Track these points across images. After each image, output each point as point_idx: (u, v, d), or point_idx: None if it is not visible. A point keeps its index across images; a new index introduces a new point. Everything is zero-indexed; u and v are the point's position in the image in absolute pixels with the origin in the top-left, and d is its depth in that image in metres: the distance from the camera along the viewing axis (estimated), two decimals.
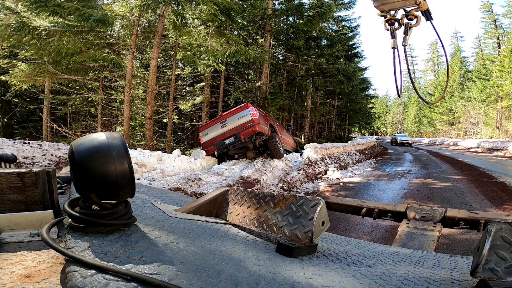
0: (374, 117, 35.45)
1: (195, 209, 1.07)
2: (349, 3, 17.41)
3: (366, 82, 26.01)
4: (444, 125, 40.24)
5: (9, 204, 0.75)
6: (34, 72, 8.46)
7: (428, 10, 1.49)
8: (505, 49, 29.26)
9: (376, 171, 9.73)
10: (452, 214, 1.83)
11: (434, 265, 0.89)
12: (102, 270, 0.48)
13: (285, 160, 8.04)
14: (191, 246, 0.64)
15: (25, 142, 6.33)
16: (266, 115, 8.59)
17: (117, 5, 8.71)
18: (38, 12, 6.90)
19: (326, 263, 0.73)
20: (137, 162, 6.02)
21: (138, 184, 1.30)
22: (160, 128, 13.31)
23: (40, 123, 12.69)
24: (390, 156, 16.00)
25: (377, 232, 3.83)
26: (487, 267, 0.53)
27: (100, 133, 0.67)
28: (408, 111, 57.73)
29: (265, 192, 0.96)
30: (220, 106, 13.44)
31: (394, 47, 1.56)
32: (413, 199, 5.67)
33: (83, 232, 0.62)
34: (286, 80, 16.06)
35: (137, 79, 11.13)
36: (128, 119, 8.81)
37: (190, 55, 9.71)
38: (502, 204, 5.27)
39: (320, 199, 0.80)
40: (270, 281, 0.52)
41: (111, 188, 0.64)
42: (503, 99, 28.58)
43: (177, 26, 8.10)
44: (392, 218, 2.00)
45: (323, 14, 12.02)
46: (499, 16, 35.76)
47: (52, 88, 11.33)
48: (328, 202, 2.22)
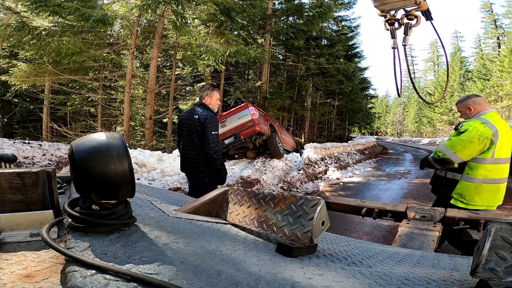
0: (374, 117, 35.41)
1: (195, 209, 1.07)
2: (349, 3, 17.41)
3: (366, 82, 26.00)
4: (444, 125, 40.25)
5: (9, 204, 0.75)
6: (34, 72, 8.46)
7: (428, 10, 1.49)
8: (505, 49, 29.27)
9: (376, 171, 9.73)
10: (452, 214, 1.83)
11: (434, 265, 0.89)
12: (102, 270, 0.48)
13: (285, 160, 8.04)
14: (191, 246, 0.64)
15: (25, 142, 6.33)
16: (266, 115, 8.59)
17: (117, 5, 8.70)
18: (38, 12, 6.90)
19: (326, 263, 0.73)
20: (137, 162, 6.02)
21: (138, 184, 1.30)
22: (160, 128, 13.31)
23: (40, 123, 12.69)
24: (390, 156, 16.00)
25: (377, 232, 3.83)
26: (487, 267, 0.53)
27: (100, 133, 0.67)
28: (408, 111, 57.74)
29: (265, 192, 0.96)
30: (220, 106, 13.44)
31: (394, 47, 1.56)
32: (413, 199, 5.67)
33: (83, 232, 0.62)
34: (286, 80, 16.06)
35: (137, 79, 11.13)
36: (128, 119, 8.81)
37: (190, 55, 9.71)
38: (502, 204, 5.26)
39: (320, 199, 0.80)
40: (270, 281, 0.52)
41: (111, 188, 0.64)
42: (503, 99, 28.60)
43: (177, 26, 8.10)
44: (392, 218, 2.01)
45: (323, 14, 12.02)
46: (499, 16, 35.78)
47: (52, 88, 11.33)
48: (328, 202, 2.22)
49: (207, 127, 2.96)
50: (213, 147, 2.96)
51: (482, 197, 2.33)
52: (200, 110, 3.06)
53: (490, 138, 2.21)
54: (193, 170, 3.08)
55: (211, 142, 2.95)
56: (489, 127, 2.23)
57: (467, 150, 2.25)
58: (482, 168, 2.28)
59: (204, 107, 3.09)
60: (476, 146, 2.23)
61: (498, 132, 2.22)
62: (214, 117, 3.03)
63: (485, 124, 2.24)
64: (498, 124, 2.28)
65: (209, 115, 3.01)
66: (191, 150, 3.07)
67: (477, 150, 2.25)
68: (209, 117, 2.98)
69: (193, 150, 3.06)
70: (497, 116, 2.36)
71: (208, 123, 2.96)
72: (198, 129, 3.00)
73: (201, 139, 3.00)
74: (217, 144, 2.99)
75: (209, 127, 2.96)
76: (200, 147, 3.01)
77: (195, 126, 3.02)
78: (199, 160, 3.04)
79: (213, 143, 2.96)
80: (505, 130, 2.29)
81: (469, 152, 2.26)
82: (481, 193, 2.31)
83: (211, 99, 3.13)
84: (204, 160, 3.02)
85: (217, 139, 3.00)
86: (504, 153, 2.30)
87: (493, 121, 2.28)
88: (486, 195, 2.33)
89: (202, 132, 2.98)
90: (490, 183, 2.32)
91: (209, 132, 2.96)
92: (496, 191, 2.36)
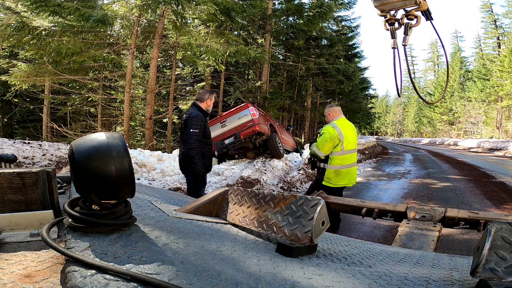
0: (374, 117, 35.37)
1: (195, 209, 1.07)
2: (349, 3, 17.40)
3: (366, 82, 26.00)
4: (444, 125, 40.23)
5: (9, 204, 0.75)
6: (34, 72, 8.46)
7: (428, 10, 1.49)
8: (505, 49, 29.25)
9: (376, 171, 9.73)
10: (452, 214, 1.83)
11: (434, 265, 0.89)
12: (102, 270, 0.48)
13: (285, 160, 8.04)
14: (191, 246, 0.64)
15: (25, 142, 6.33)
16: (266, 115, 8.58)
17: (117, 5, 8.70)
18: (38, 12, 6.91)
19: (326, 263, 0.73)
20: (137, 162, 6.02)
21: (138, 184, 1.30)
22: (160, 128, 13.31)
23: (40, 123, 12.69)
24: (390, 156, 16.00)
25: (377, 232, 3.83)
26: (487, 267, 0.53)
27: (100, 133, 0.67)
28: (408, 111, 57.71)
29: (265, 192, 0.96)
30: (220, 106, 13.44)
31: (394, 47, 1.56)
32: (413, 199, 5.67)
33: (83, 232, 0.62)
34: (286, 80, 16.06)
35: (137, 79, 11.13)
36: (128, 119, 8.81)
37: (190, 55, 9.70)
38: (502, 204, 5.27)
39: (320, 199, 0.80)
40: (270, 281, 0.52)
41: (111, 188, 0.64)
42: (503, 99, 28.57)
43: (177, 26, 8.10)
44: (392, 218, 2.01)
45: (323, 14, 12.01)
46: (499, 16, 35.74)
47: (52, 88, 11.33)
48: (328, 202, 2.22)
49: (188, 124, 3.04)
50: (188, 144, 3.02)
51: (341, 178, 3.30)
52: (191, 109, 3.17)
53: (338, 137, 3.21)
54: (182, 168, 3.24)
55: (188, 138, 3.02)
56: (336, 129, 3.23)
57: (326, 147, 3.23)
58: (337, 158, 3.28)
59: (196, 107, 3.17)
60: (330, 143, 3.22)
61: (342, 132, 3.23)
62: (199, 116, 3.09)
63: (334, 127, 3.24)
64: (343, 126, 3.30)
65: (194, 113, 3.08)
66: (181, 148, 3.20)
67: (331, 146, 3.23)
68: (193, 115, 3.06)
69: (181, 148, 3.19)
70: (344, 121, 3.37)
71: (190, 120, 3.04)
72: (183, 127, 3.11)
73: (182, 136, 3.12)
74: (194, 141, 3.03)
75: (189, 124, 3.03)
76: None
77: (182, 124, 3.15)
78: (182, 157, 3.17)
79: (190, 139, 3.01)
80: (348, 129, 3.33)
81: (327, 148, 3.24)
82: (339, 175, 3.29)
83: (210, 101, 3.24)
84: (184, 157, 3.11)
85: (194, 137, 3.03)
86: (351, 146, 3.31)
87: (340, 125, 3.28)
88: (343, 176, 3.32)
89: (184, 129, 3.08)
90: (344, 168, 3.31)
91: (187, 129, 3.03)
92: (348, 173, 3.35)
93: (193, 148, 3.01)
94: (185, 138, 3.04)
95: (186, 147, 3.01)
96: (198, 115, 3.08)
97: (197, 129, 3.03)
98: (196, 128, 3.03)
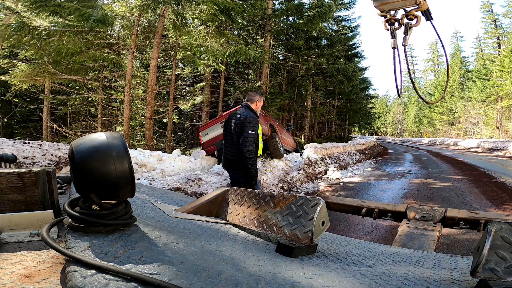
0: (374, 117, 35.41)
1: (195, 209, 1.07)
2: (349, 3, 17.40)
3: (366, 82, 26.02)
4: (444, 125, 40.22)
5: (9, 204, 0.75)
6: (34, 72, 8.45)
7: (428, 10, 1.49)
8: (505, 49, 29.24)
9: (376, 171, 9.73)
10: (452, 214, 1.83)
11: (434, 265, 0.89)
12: (102, 270, 0.48)
13: (285, 160, 8.04)
14: (191, 246, 0.64)
15: (25, 142, 6.33)
16: (266, 115, 8.58)
17: (117, 5, 8.70)
18: (38, 12, 6.90)
19: (326, 263, 0.73)
20: (137, 162, 6.02)
21: (138, 184, 1.30)
22: (160, 128, 13.30)
23: (40, 123, 12.68)
24: (390, 156, 16.00)
25: (377, 232, 3.83)
26: (487, 267, 0.53)
27: (100, 133, 0.67)
28: (408, 111, 57.71)
29: (265, 192, 0.96)
30: (220, 106, 13.44)
31: (394, 47, 1.55)
32: (413, 199, 5.67)
33: (83, 232, 0.62)
34: (286, 80, 16.05)
35: (137, 79, 11.13)
36: (128, 119, 8.81)
37: (190, 55, 9.70)
38: (502, 204, 5.27)
39: (320, 199, 0.80)
40: (270, 281, 0.52)
41: (111, 188, 0.64)
42: (503, 99, 28.57)
43: (177, 26, 8.09)
44: (392, 218, 2.00)
45: (323, 14, 12.00)
46: (499, 16, 35.75)
47: (52, 88, 11.32)
48: (328, 202, 2.22)
49: (246, 125, 3.11)
50: (247, 146, 3.10)
51: None
52: (243, 110, 3.24)
53: None
54: (231, 167, 3.27)
55: (247, 140, 3.10)
56: None
57: None
58: None
59: (248, 108, 3.25)
60: None
61: None
62: (255, 118, 3.19)
63: None
64: None
65: (249, 115, 3.16)
66: (231, 148, 3.24)
67: None
68: (249, 116, 3.15)
69: (233, 148, 3.23)
70: None
71: (248, 121, 3.11)
72: (238, 127, 3.16)
73: (238, 137, 3.17)
74: (252, 143, 3.13)
75: (247, 125, 3.10)
76: (238, 145, 3.18)
77: (236, 124, 3.19)
78: (236, 158, 3.20)
79: (248, 141, 3.10)
80: None
81: None
82: None
83: (260, 103, 3.32)
84: (240, 157, 3.16)
85: (252, 138, 3.13)
86: None
87: None
88: None
89: (241, 130, 3.13)
90: None
91: (246, 131, 3.10)
92: None
93: (251, 149, 3.10)
94: (243, 139, 3.10)
95: (245, 149, 3.09)
96: (254, 117, 3.18)
97: (254, 131, 3.13)
98: (254, 130, 3.12)
